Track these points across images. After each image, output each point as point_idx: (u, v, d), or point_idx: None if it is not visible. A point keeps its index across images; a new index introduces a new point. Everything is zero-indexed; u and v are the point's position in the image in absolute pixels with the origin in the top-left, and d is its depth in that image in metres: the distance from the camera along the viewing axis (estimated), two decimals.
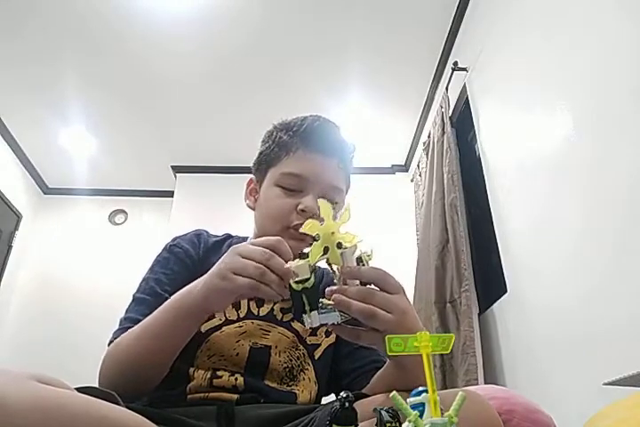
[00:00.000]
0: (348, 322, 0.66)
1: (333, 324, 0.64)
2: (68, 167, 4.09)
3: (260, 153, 0.97)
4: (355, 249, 0.65)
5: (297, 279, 0.63)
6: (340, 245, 0.64)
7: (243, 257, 0.66)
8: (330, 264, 0.66)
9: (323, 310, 0.63)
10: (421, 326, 0.64)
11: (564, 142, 1.68)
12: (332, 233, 0.64)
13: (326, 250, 0.64)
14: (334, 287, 0.63)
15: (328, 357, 0.91)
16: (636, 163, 1.29)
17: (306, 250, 0.65)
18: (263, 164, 0.95)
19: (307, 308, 0.63)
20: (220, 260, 0.69)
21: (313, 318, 0.63)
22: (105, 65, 3.11)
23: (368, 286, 0.65)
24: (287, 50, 3.01)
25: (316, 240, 0.63)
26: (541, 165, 1.84)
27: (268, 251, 0.65)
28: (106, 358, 0.77)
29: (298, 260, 0.64)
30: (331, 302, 0.63)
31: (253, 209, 0.97)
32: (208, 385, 0.79)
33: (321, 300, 0.64)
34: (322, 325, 0.64)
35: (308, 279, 0.63)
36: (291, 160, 0.91)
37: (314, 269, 0.64)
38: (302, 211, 0.86)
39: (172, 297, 0.74)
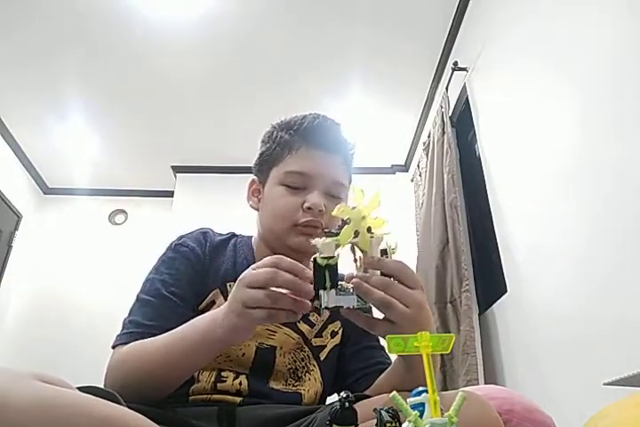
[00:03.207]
0: (362, 311, 0.66)
1: (348, 308, 0.64)
2: (68, 167, 4.09)
3: (261, 154, 0.96)
4: (381, 240, 0.65)
5: (322, 256, 0.62)
6: (369, 230, 0.64)
7: (249, 287, 0.64)
8: (353, 251, 0.66)
9: (341, 293, 0.63)
10: (433, 324, 0.65)
11: (564, 142, 1.68)
12: (363, 217, 0.64)
13: (356, 234, 0.64)
14: (356, 273, 0.64)
15: (333, 357, 0.91)
16: (637, 162, 1.29)
17: (334, 230, 0.65)
18: (265, 164, 0.95)
19: (327, 284, 0.62)
20: (231, 294, 0.67)
21: (330, 298, 0.62)
22: (105, 66, 3.11)
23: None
24: (287, 50, 3.00)
25: (347, 224, 0.63)
26: (541, 165, 1.84)
27: (269, 270, 0.64)
28: (116, 367, 0.76)
29: (325, 238, 0.63)
30: (350, 284, 0.63)
31: (257, 210, 0.96)
32: (212, 389, 0.79)
33: (340, 282, 0.63)
34: (336, 307, 0.63)
35: (332, 257, 0.62)
36: (293, 159, 0.91)
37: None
38: (308, 208, 0.86)
39: (198, 326, 0.71)
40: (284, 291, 0.64)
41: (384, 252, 0.65)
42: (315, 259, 0.63)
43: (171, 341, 0.72)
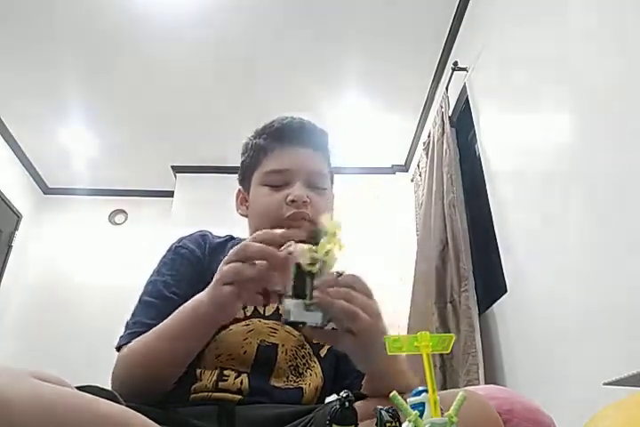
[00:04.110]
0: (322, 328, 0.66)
1: (311, 326, 0.64)
2: (67, 167, 4.09)
3: (242, 163, 0.99)
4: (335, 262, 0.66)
5: (304, 262, 0.63)
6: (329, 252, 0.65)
7: (225, 263, 0.68)
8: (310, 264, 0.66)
9: (310, 308, 0.63)
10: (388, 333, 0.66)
11: (563, 142, 1.68)
12: (334, 234, 0.65)
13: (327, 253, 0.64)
14: (319, 283, 0.64)
15: (332, 355, 0.92)
16: (636, 162, 1.29)
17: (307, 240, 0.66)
18: (246, 171, 0.98)
19: (299, 291, 0.63)
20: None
21: (296, 311, 0.62)
22: (106, 65, 3.12)
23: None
24: (287, 50, 3.01)
25: (324, 235, 0.64)
26: (541, 165, 1.84)
27: (245, 243, 0.67)
28: (119, 364, 0.77)
29: (302, 244, 0.64)
30: (314, 300, 0.63)
31: (247, 216, 0.98)
32: (213, 387, 0.79)
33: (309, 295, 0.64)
34: (300, 323, 0.63)
35: (314, 265, 0.63)
36: (270, 159, 0.93)
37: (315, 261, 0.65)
38: (292, 201, 0.87)
39: (186, 307, 0.74)
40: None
41: (339, 274, 0.67)
42: (297, 263, 0.63)
43: (167, 322, 0.75)
